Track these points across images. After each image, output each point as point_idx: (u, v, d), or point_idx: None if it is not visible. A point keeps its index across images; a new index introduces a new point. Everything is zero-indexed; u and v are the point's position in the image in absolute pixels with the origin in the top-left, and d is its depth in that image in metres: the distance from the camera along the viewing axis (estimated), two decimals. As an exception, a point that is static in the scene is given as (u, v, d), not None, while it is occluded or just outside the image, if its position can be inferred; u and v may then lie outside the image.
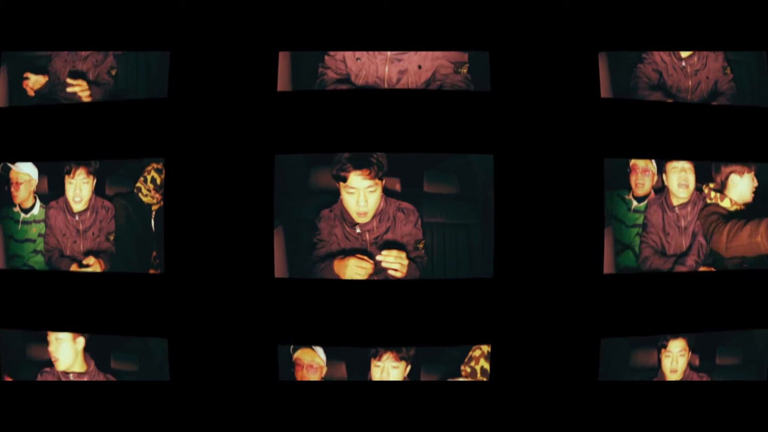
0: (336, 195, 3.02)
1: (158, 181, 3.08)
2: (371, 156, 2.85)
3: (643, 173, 3.08)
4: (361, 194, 2.85)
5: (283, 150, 3.06)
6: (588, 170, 3.08)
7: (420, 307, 3.09)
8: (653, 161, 3.10)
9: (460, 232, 3.08)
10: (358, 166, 2.85)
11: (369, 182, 2.86)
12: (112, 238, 3.12)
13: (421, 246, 2.97)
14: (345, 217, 2.91)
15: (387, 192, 2.97)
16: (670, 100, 3.13)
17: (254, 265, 3.04)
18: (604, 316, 3.11)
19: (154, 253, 3.11)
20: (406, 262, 2.93)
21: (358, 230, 2.88)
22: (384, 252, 2.92)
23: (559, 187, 3.07)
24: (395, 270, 2.94)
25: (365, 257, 2.93)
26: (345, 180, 2.87)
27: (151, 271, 3.12)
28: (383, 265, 2.92)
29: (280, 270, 3.07)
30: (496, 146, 3.07)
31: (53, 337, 3.12)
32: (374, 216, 2.92)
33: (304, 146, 3.08)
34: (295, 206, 3.08)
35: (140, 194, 3.12)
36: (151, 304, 3.11)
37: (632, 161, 3.08)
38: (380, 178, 2.89)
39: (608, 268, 3.11)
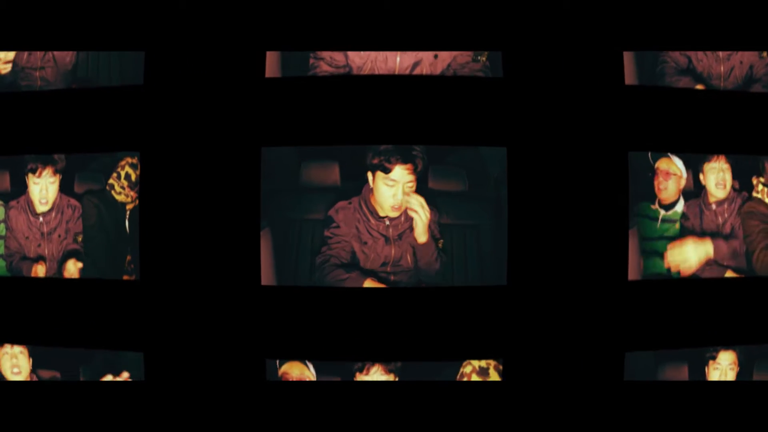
0: (342, 192, 2.89)
1: (133, 177, 2.91)
2: (414, 149, 2.80)
3: (665, 177, 2.92)
4: (400, 188, 2.79)
5: (271, 142, 2.88)
6: (611, 165, 2.89)
7: (425, 317, 2.92)
8: (678, 162, 2.94)
9: (469, 234, 2.92)
10: (405, 160, 2.78)
11: (411, 177, 2.80)
12: (80, 239, 2.93)
13: (440, 244, 2.89)
14: (371, 210, 2.83)
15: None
16: (700, 86, 2.97)
17: (239, 272, 2.87)
18: (628, 328, 2.93)
19: (129, 258, 2.94)
20: (428, 209, 2.83)
21: (387, 222, 2.81)
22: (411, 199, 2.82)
23: (579, 184, 2.88)
24: (417, 213, 2.83)
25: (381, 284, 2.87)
26: (388, 171, 2.78)
27: (125, 278, 2.95)
28: (410, 212, 2.83)
29: (267, 277, 2.89)
30: (510, 138, 2.89)
31: (7, 350, 2.94)
32: (404, 211, 2.86)
33: (294, 138, 2.90)
34: (285, 205, 2.92)
35: (113, 192, 2.94)
36: (125, 314, 2.93)
37: (657, 164, 2.93)
38: (419, 175, 2.83)
39: (633, 274, 2.91)
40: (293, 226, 2.91)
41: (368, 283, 2.84)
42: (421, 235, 2.82)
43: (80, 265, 2.91)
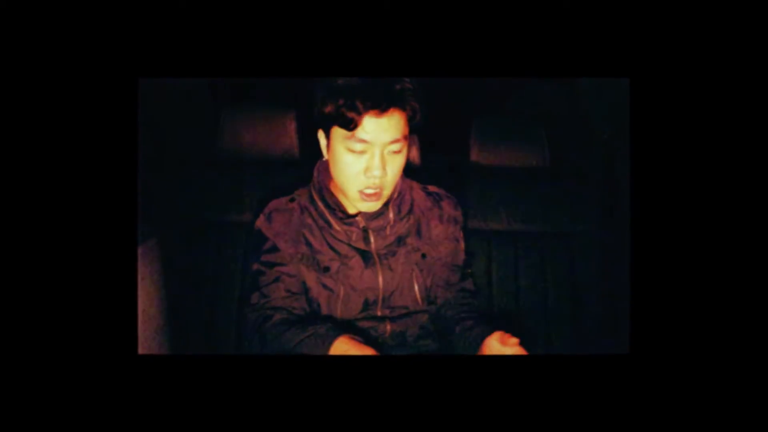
0: (298, 169, 1.81)
1: None
2: (398, 82, 1.53)
3: None
4: (378, 157, 1.54)
5: (156, 71, 1.80)
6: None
7: (464, 408, 1.69)
8: None
9: (550, 252, 1.83)
10: (385, 104, 1.48)
11: (396, 134, 1.53)
12: None
13: (469, 272, 1.72)
14: (331, 206, 1.66)
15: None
16: None
17: (97, 328, 1.71)
18: None
19: None
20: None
21: (362, 225, 1.64)
22: (493, 342, 1.49)
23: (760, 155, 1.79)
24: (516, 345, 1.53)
25: (365, 346, 1.53)
26: (352, 126, 1.52)
27: None
28: (495, 351, 1.54)
29: (147, 340, 1.74)
30: (637, 64, 1.78)
31: None
32: (390, 201, 1.66)
33: (196, 65, 1.74)
34: (189, 196, 1.81)
35: None
36: None
37: None
38: (414, 128, 1.61)
39: None
40: (206, 237, 1.75)
41: (341, 344, 1.48)
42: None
43: None
